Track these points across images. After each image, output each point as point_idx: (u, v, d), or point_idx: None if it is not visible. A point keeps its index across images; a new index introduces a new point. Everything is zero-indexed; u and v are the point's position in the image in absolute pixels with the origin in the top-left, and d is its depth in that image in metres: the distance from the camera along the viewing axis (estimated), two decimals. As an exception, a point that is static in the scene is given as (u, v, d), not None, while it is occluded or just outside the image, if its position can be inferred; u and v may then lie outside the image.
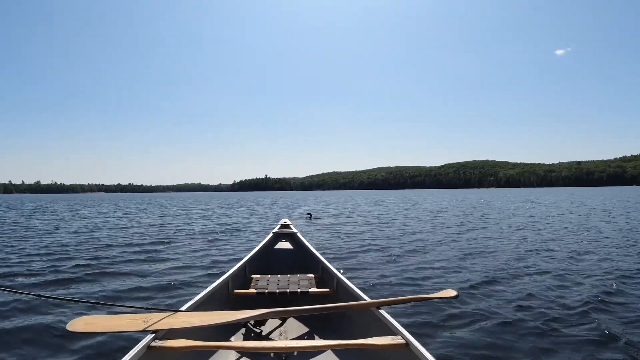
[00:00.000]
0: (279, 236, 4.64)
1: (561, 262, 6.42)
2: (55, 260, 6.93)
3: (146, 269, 6.10)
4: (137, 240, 9.79)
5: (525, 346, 3.11)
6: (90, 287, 5.05)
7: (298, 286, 3.21)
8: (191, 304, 2.43)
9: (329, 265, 3.45)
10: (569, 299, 4.33)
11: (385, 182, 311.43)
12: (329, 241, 9.31)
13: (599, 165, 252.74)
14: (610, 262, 6.37)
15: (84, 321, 2.18)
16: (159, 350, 1.90)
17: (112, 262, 6.73)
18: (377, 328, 2.24)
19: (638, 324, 3.56)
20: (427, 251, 7.72)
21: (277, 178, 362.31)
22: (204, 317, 2.25)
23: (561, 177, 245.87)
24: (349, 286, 2.85)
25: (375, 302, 2.41)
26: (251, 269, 3.74)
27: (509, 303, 4.21)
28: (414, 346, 1.86)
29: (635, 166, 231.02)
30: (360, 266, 6.21)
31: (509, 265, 6.19)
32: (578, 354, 2.97)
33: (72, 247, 8.72)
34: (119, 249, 8.29)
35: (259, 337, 2.79)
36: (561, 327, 3.52)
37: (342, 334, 2.62)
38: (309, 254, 4.09)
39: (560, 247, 8.03)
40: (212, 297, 2.72)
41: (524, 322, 3.64)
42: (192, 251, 7.98)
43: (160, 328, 2.03)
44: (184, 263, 6.62)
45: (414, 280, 5.35)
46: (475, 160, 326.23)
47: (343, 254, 7.42)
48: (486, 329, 3.46)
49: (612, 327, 3.47)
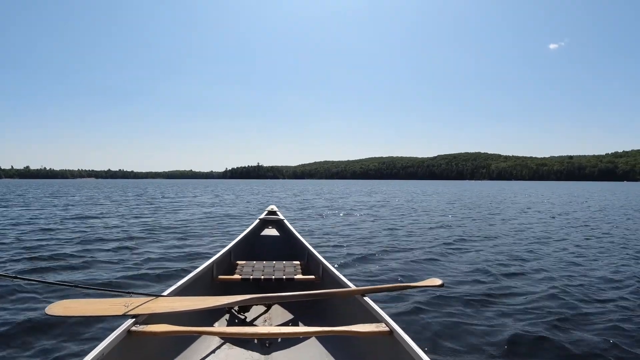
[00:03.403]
0: (266, 222, 4.60)
1: (545, 251, 6.51)
2: (34, 247, 6.74)
3: (128, 256, 6.00)
4: (118, 228, 9.70)
5: (509, 333, 3.14)
6: (71, 272, 4.97)
7: (283, 273, 3.19)
8: (174, 289, 2.40)
9: (315, 252, 3.44)
10: (553, 286, 4.42)
11: (377, 173, 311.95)
12: (320, 229, 9.31)
13: (590, 160, 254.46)
14: (581, 248, 6.45)
15: (63, 305, 2.13)
16: (140, 335, 1.88)
17: (92, 248, 6.62)
18: (361, 315, 2.24)
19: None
20: (413, 240, 7.75)
21: (270, 166, 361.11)
22: (187, 302, 2.22)
23: (553, 171, 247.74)
24: (335, 273, 2.84)
25: (360, 290, 2.40)
26: (236, 255, 3.70)
27: (494, 292, 4.26)
28: (398, 334, 1.86)
29: (627, 162, 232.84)
30: (346, 256, 6.20)
31: (495, 256, 6.25)
32: (562, 337, 3.01)
33: (51, 232, 8.63)
34: (100, 235, 8.22)
35: (243, 324, 2.77)
36: (543, 313, 3.60)
37: (327, 321, 2.60)
38: (296, 240, 4.06)
39: (546, 237, 8.11)
40: (195, 283, 2.69)
41: (509, 310, 3.68)
42: (177, 240, 7.92)
43: (141, 313, 2.00)
44: (168, 251, 6.53)
45: (400, 268, 5.38)
46: (467, 152, 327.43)
47: (331, 243, 7.42)
48: (471, 318, 3.49)
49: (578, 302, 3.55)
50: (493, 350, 2.89)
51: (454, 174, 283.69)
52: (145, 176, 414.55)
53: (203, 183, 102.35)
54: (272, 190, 40.17)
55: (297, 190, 40.53)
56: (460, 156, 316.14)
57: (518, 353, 2.87)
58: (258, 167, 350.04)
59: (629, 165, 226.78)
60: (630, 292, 4.28)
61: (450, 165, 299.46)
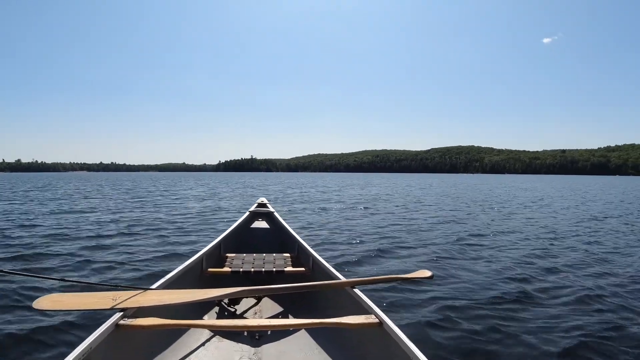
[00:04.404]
0: (256, 215, 4.58)
1: (535, 244, 6.56)
2: (20, 239, 6.70)
3: (116, 250, 5.95)
4: (107, 221, 9.63)
5: (498, 326, 3.17)
6: (58, 266, 4.92)
7: (274, 265, 3.18)
8: (162, 282, 2.38)
9: (306, 244, 3.43)
10: (542, 277, 4.47)
11: (371, 166, 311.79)
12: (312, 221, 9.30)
13: (583, 154, 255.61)
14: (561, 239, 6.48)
15: (51, 299, 2.11)
16: (128, 329, 1.86)
17: (81, 242, 6.57)
18: (351, 307, 2.24)
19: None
20: (405, 232, 7.78)
21: (263, 159, 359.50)
22: (176, 295, 2.21)
23: (545, 164, 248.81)
24: (325, 266, 2.84)
25: (350, 282, 2.40)
26: (226, 248, 3.68)
27: (484, 284, 4.30)
28: (388, 325, 1.87)
29: (620, 156, 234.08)
30: (335, 247, 6.21)
31: (484, 248, 6.30)
32: (551, 330, 3.04)
33: (42, 225, 8.54)
34: (89, 228, 8.18)
35: (233, 316, 2.77)
36: (532, 305, 3.64)
37: (317, 313, 2.61)
38: (286, 233, 4.04)
39: (536, 231, 8.17)
40: (184, 276, 2.67)
41: (497, 302, 3.72)
42: (166, 233, 7.89)
43: (129, 306, 1.99)
44: (157, 244, 6.49)
45: (390, 260, 5.41)
46: (460, 146, 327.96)
47: (322, 234, 7.42)
48: (460, 309, 3.52)
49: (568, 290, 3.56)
50: (482, 340, 2.92)
51: (448, 167, 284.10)
52: (137, 169, 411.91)
53: (195, 176, 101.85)
54: (265, 184, 40.10)
55: (292, 183, 40.49)
56: (453, 149, 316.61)
57: (506, 343, 2.89)
58: (251, 159, 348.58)
59: (621, 160, 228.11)
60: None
61: (443, 158, 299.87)
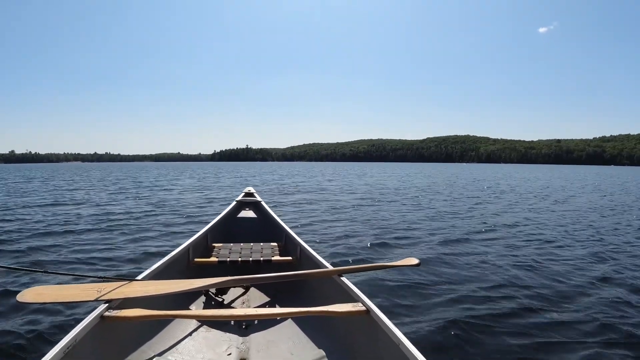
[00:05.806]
0: (243, 204, 4.55)
1: (518, 232, 6.64)
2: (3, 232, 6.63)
3: (102, 241, 5.92)
4: (94, 210, 9.59)
5: (483, 313, 3.21)
6: (42, 258, 4.88)
7: (261, 255, 3.18)
8: (148, 273, 2.37)
9: (293, 233, 3.42)
10: (528, 268, 4.51)
11: (367, 155, 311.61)
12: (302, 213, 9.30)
13: (578, 144, 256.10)
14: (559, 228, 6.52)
15: (35, 291, 2.10)
16: (113, 320, 1.86)
17: (68, 234, 6.51)
18: (338, 296, 2.25)
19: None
20: (391, 220, 7.82)
21: (259, 148, 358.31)
22: (162, 285, 2.20)
23: (541, 154, 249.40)
24: (312, 254, 2.84)
25: (337, 270, 2.41)
26: (213, 238, 3.67)
27: (470, 272, 4.34)
28: (375, 313, 1.88)
29: (615, 147, 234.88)
30: (323, 236, 6.22)
31: (471, 236, 6.36)
32: (537, 318, 3.07)
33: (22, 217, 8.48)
34: (76, 219, 8.17)
35: (220, 306, 2.77)
36: (517, 294, 3.68)
37: (304, 301, 2.61)
38: (273, 222, 4.03)
39: (519, 219, 8.21)
40: (170, 266, 2.67)
41: (483, 290, 3.76)
42: (155, 224, 7.87)
43: (114, 297, 1.98)
44: (145, 235, 6.47)
45: (378, 248, 5.44)
46: (456, 135, 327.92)
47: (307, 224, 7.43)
48: (447, 297, 3.56)
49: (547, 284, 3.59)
50: (467, 328, 2.94)
51: (443, 157, 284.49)
52: (132, 159, 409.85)
53: (190, 166, 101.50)
54: (261, 172, 40.04)
55: (287, 173, 40.46)
56: (449, 139, 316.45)
57: (494, 331, 2.92)
58: (247, 149, 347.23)
59: (616, 150, 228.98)
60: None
61: (439, 148, 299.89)
